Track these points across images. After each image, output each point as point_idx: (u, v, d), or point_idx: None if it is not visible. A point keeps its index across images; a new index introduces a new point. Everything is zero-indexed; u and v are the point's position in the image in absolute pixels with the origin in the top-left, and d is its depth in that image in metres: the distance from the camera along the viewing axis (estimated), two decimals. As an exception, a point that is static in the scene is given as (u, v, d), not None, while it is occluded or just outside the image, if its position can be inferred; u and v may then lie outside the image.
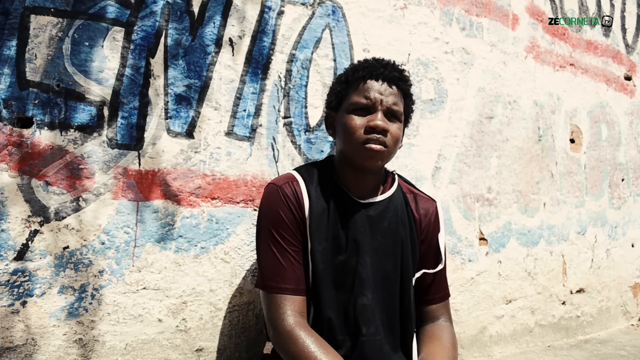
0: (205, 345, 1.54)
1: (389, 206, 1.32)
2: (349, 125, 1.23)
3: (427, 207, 1.40)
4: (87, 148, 1.36)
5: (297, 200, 1.25)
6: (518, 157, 2.49)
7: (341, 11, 1.87)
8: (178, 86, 1.51)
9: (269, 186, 1.29)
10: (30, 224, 1.28)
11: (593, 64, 2.93)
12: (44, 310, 1.29)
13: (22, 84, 1.27)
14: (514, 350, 2.43)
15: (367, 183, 1.31)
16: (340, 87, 1.30)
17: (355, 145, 1.22)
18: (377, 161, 1.22)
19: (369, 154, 1.20)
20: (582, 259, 2.82)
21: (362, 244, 1.27)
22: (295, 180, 1.28)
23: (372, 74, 1.24)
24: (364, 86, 1.24)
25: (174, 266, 1.49)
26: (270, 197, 1.27)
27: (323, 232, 1.25)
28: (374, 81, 1.24)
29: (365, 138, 1.20)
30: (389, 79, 1.25)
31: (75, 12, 1.34)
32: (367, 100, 1.23)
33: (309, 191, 1.27)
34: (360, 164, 1.24)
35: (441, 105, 2.18)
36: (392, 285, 1.30)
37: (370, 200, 1.31)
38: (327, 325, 1.24)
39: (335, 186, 1.30)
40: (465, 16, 2.28)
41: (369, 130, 1.20)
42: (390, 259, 1.30)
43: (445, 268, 1.41)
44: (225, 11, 1.59)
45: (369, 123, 1.20)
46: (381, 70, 1.25)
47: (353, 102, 1.24)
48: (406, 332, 1.32)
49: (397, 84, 1.26)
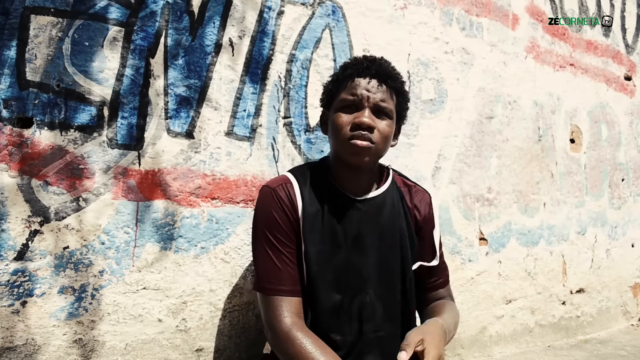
0: (205, 345, 1.54)
1: (384, 201, 1.32)
2: (336, 122, 1.24)
3: (421, 199, 1.41)
4: (87, 148, 1.36)
5: (291, 202, 1.25)
6: (518, 157, 2.49)
7: (341, 11, 1.87)
8: (178, 86, 1.51)
9: (263, 189, 1.30)
10: (30, 224, 1.28)
11: (593, 64, 2.93)
12: (44, 311, 1.29)
13: (22, 84, 1.27)
14: (514, 350, 2.43)
15: (361, 180, 1.31)
16: (332, 86, 1.31)
17: (342, 142, 1.22)
18: (364, 157, 1.22)
19: (354, 150, 1.20)
20: (582, 259, 2.82)
21: (361, 240, 1.28)
22: (288, 182, 1.29)
23: (360, 72, 1.24)
24: (351, 84, 1.24)
25: (174, 266, 1.49)
26: (264, 199, 1.27)
27: (317, 233, 1.25)
28: (362, 78, 1.23)
29: (351, 135, 1.20)
30: (377, 76, 1.24)
31: (75, 12, 1.34)
32: (353, 97, 1.22)
33: (302, 193, 1.27)
34: (347, 160, 1.24)
35: (441, 105, 2.18)
36: (393, 279, 1.31)
37: (366, 196, 1.31)
38: (324, 325, 1.24)
39: (330, 185, 1.30)
40: (465, 16, 2.28)
41: (354, 127, 1.20)
42: (390, 253, 1.31)
43: (443, 255, 1.43)
44: (225, 11, 1.59)
45: (355, 120, 1.20)
46: (369, 67, 1.24)
47: (341, 100, 1.25)
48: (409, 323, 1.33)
49: (385, 81, 1.25)
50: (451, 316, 1.30)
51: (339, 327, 1.25)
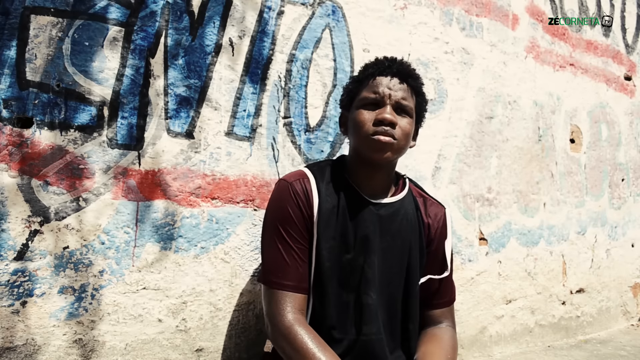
0: (205, 345, 1.54)
1: (400, 208, 1.32)
2: (358, 119, 1.25)
3: (436, 212, 1.40)
4: (87, 148, 1.36)
5: (307, 198, 1.25)
6: (518, 157, 2.49)
7: (341, 11, 1.87)
8: (178, 86, 1.51)
9: (280, 182, 1.30)
10: (30, 224, 1.28)
11: (593, 64, 2.93)
12: (44, 311, 1.29)
13: (22, 84, 1.27)
14: (514, 351, 2.43)
15: (378, 181, 1.31)
16: (352, 86, 1.33)
17: (364, 138, 1.23)
18: (386, 153, 1.22)
19: (377, 145, 1.21)
20: (582, 259, 2.82)
21: (371, 243, 1.27)
22: (306, 177, 1.29)
23: (382, 70, 1.27)
24: (373, 82, 1.26)
25: (174, 266, 1.49)
26: (280, 193, 1.28)
27: (331, 230, 1.25)
28: (383, 77, 1.26)
29: (374, 130, 1.21)
30: (398, 75, 1.26)
31: (75, 12, 1.34)
32: (375, 94, 1.24)
33: (319, 188, 1.27)
34: (369, 156, 1.25)
35: (441, 105, 2.18)
36: (396, 287, 1.30)
37: (382, 201, 1.31)
38: (327, 322, 1.24)
39: (347, 184, 1.30)
40: (465, 16, 2.28)
41: (377, 123, 1.22)
42: (397, 261, 1.30)
43: (452, 273, 1.41)
44: (225, 11, 1.59)
45: (377, 116, 1.22)
46: (390, 66, 1.27)
47: (362, 98, 1.27)
48: (408, 334, 1.32)
49: (406, 80, 1.27)
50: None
51: (342, 326, 1.25)
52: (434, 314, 1.37)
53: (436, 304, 1.37)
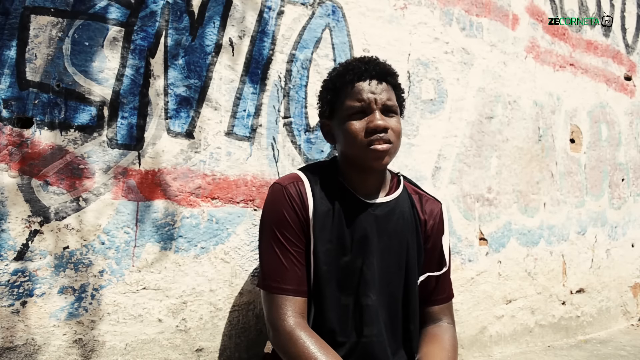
0: (205, 345, 1.54)
1: (395, 207, 1.31)
2: (349, 131, 1.22)
3: (432, 208, 1.39)
4: (87, 148, 1.36)
5: (302, 201, 1.24)
6: (518, 157, 2.49)
7: (341, 11, 1.87)
8: (178, 86, 1.51)
9: (274, 186, 1.29)
10: (30, 224, 1.28)
11: (593, 64, 2.93)
12: (44, 311, 1.29)
13: (22, 84, 1.27)
14: (514, 351, 2.43)
15: (372, 183, 1.31)
16: (331, 95, 1.29)
17: (360, 149, 1.21)
18: (385, 159, 1.21)
19: (375, 155, 1.20)
20: (582, 259, 2.82)
21: (368, 244, 1.27)
22: (300, 180, 1.28)
23: (359, 75, 1.23)
24: (354, 90, 1.23)
25: (174, 266, 1.49)
26: (274, 197, 1.26)
27: (327, 232, 1.25)
28: (363, 82, 1.23)
29: (369, 140, 1.20)
30: (377, 76, 1.24)
31: (75, 12, 1.34)
32: (361, 102, 1.21)
33: (313, 191, 1.26)
34: (368, 166, 1.23)
35: (441, 105, 2.19)
36: (396, 287, 1.30)
37: (377, 200, 1.30)
38: (328, 326, 1.24)
39: (341, 186, 1.29)
40: (465, 16, 2.28)
41: (370, 132, 1.20)
42: (395, 261, 1.30)
43: (450, 269, 1.41)
44: (225, 11, 1.59)
45: (369, 125, 1.20)
46: (367, 69, 1.24)
47: (348, 108, 1.23)
48: (409, 334, 1.32)
49: (385, 79, 1.25)
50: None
51: (342, 328, 1.25)
52: (433, 310, 1.37)
53: (435, 300, 1.37)
